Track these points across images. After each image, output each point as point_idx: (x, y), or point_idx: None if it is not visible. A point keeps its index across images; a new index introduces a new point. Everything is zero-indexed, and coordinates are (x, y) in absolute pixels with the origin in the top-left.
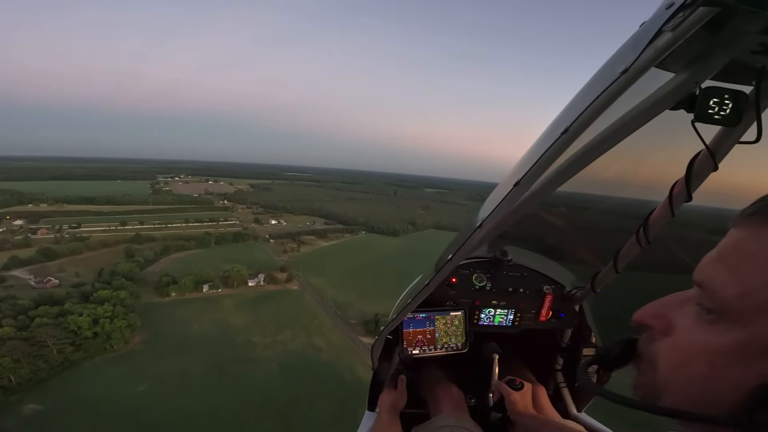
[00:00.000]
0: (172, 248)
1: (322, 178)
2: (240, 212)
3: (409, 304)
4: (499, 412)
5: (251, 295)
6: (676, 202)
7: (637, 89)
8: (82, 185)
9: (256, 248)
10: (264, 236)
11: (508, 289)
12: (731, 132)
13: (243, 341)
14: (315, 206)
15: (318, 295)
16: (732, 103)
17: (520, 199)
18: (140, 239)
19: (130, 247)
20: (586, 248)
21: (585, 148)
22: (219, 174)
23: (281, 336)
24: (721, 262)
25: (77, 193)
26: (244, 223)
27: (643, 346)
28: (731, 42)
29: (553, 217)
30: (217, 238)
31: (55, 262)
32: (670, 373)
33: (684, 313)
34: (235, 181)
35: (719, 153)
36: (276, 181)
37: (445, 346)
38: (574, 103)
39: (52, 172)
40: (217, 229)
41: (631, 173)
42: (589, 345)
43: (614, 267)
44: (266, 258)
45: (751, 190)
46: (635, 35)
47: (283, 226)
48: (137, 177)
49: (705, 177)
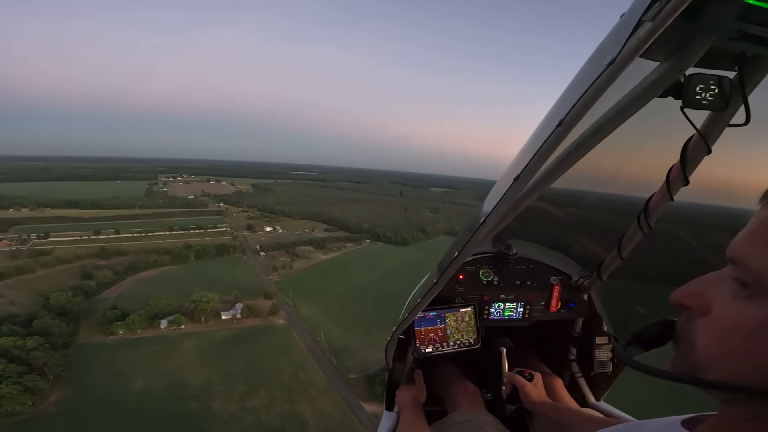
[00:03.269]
0: (141, 265)
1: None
2: (234, 217)
3: (419, 303)
4: (513, 404)
5: (222, 334)
6: (674, 186)
7: (625, 79)
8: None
9: (242, 264)
10: (254, 247)
11: (515, 283)
12: (721, 116)
13: (198, 409)
14: (316, 209)
15: (309, 334)
16: (717, 88)
17: (521, 193)
18: (106, 253)
19: (89, 264)
20: (589, 238)
21: (580, 140)
22: (224, 173)
23: (253, 400)
24: (753, 237)
25: (64, 196)
26: (234, 231)
27: (680, 326)
28: (709, 29)
29: (554, 209)
30: (198, 251)
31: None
32: (709, 350)
33: (721, 291)
34: (238, 181)
35: (711, 137)
36: (279, 180)
37: (457, 342)
38: (566, 95)
39: (58, 172)
40: (202, 238)
41: (627, 162)
42: (601, 333)
43: (618, 254)
44: (251, 278)
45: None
46: (617, 27)
47: (278, 234)
48: (139, 177)
49: (700, 160)
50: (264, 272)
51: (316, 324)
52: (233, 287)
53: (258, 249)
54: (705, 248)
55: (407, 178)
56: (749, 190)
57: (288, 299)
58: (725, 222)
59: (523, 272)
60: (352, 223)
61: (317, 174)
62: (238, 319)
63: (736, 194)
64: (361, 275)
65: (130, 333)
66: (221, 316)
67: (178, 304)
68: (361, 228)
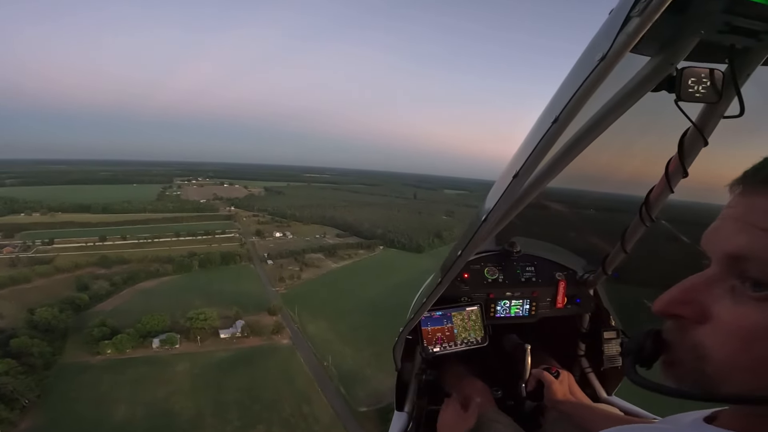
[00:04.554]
0: (141, 275)
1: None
2: (244, 221)
3: (424, 303)
4: (535, 400)
5: (219, 356)
6: (673, 178)
7: (618, 75)
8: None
9: (248, 274)
10: (262, 255)
11: (520, 280)
12: (715, 108)
13: None
14: (328, 213)
15: (315, 356)
16: (709, 81)
17: (521, 190)
18: (108, 262)
19: (88, 274)
20: (592, 233)
21: (578, 135)
22: (238, 176)
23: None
24: (756, 229)
25: (77, 200)
26: (243, 236)
27: (672, 336)
28: (697, 23)
29: (556, 205)
30: (202, 260)
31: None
32: (729, 360)
33: (715, 294)
34: (251, 184)
35: (707, 129)
36: (292, 183)
37: (464, 341)
38: (561, 92)
39: (77, 175)
40: (209, 245)
41: (626, 156)
42: (609, 328)
43: (622, 248)
44: (256, 290)
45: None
46: (606, 22)
47: (287, 241)
48: (154, 180)
49: (697, 152)
50: (270, 283)
51: (323, 344)
52: (235, 300)
53: (266, 257)
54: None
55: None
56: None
57: (294, 314)
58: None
59: (528, 269)
60: (364, 228)
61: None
62: (238, 338)
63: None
64: (373, 286)
65: (119, 353)
66: (219, 335)
67: (173, 321)
68: (374, 233)
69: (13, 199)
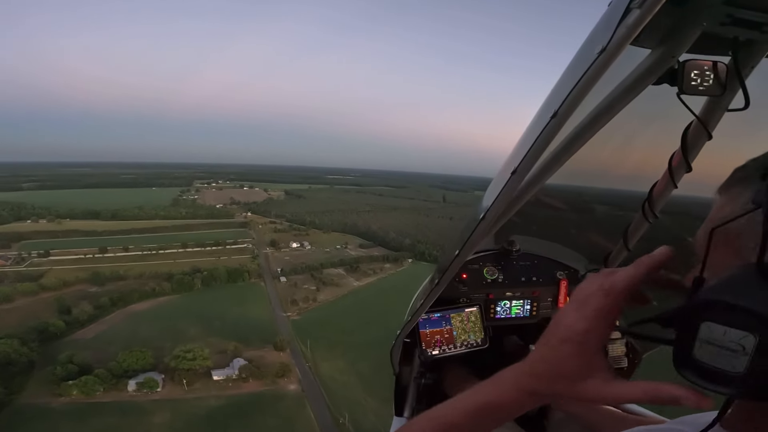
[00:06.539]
0: (134, 296)
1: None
2: (259, 229)
3: (421, 305)
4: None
5: (209, 404)
6: (677, 173)
7: (618, 68)
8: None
9: (256, 294)
10: (275, 270)
11: (520, 279)
12: (719, 101)
13: None
14: (350, 220)
15: (329, 409)
16: (712, 73)
17: (520, 187)
18: (101, 278)
19: (77, 292)
20: (594, 230)
21: (577, 130)
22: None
23: None
24: (708, 223)
25: (87, 206)
26: (256, 247)
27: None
28: (699, 15)
29: (557, 202)
30: (206, 277)
31: None
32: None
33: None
34: (272, 187)
35: (711, 122)
36: (313, 186)
37: (464, 343)
38: (559, 86)
39: (99, 178)
40: (218, 257)
41: (628, 151)
42: (613, 328)
43: (624, 245)
44: (263, 315)
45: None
46: (606, 15)
47: (305, 252)
48: (174, 183)
49: (701, 146)
50: (281, 306)
51: (340, 390)
52: (237, 329)
53: (279, 272)
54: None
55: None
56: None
57: (306, 349)
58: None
59: (528, 268)
60: (390, 237)
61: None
62: (235, 380)
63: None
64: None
65: (86, 396)
66: (213, 376)
67: (158, 357)
68: (401, 244)
69: (21, 205)
